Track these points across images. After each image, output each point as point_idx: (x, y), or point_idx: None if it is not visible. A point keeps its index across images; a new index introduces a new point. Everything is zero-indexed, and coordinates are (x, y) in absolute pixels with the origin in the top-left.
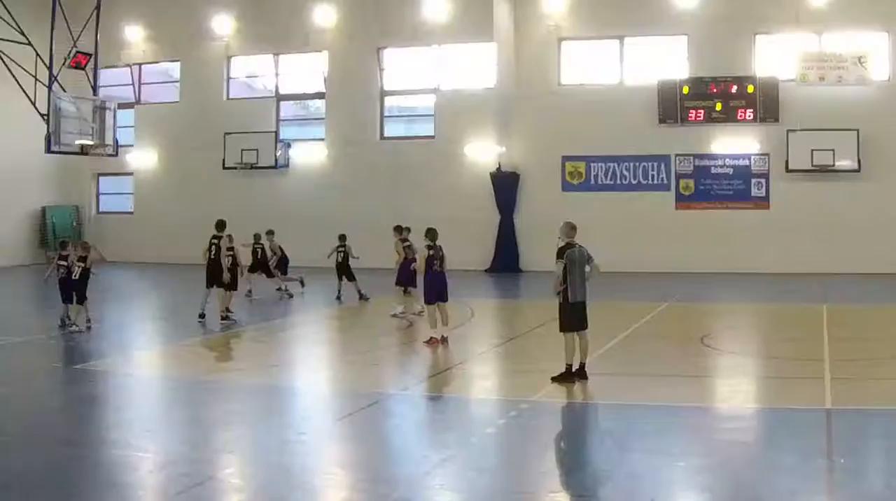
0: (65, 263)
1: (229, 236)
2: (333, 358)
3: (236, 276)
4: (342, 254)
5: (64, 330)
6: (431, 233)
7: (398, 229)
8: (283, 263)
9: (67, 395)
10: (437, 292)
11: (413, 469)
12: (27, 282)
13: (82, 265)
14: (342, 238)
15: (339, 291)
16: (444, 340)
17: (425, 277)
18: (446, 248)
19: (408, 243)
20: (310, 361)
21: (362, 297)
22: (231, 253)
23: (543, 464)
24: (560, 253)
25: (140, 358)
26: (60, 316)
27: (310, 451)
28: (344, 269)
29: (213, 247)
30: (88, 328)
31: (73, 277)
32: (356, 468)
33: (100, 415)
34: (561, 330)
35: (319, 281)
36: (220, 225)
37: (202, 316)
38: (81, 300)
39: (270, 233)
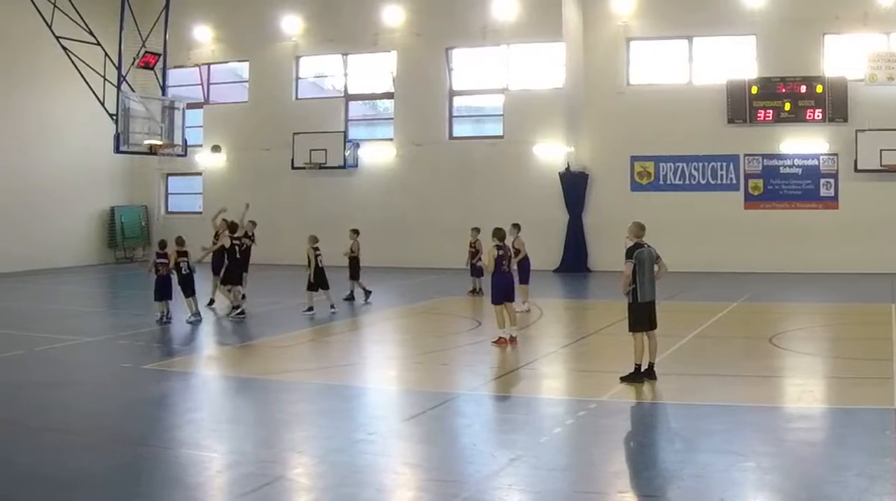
0: (165, 261)
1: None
2: (402, 358)
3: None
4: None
5: (162, 324)
6: (499, 233)
7: (517, 226)
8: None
9: (136, 395)
10: (504, 292)
11: (482, 469)
12: (96, 282)
13: (186, 260)
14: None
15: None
16: (513, 340)
17: (493, 277)
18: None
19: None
20: (379, 361)
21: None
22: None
23: (612, 464)
24: (629, 253)
25: (210, 357)
26: (160, 312)
27: (379, 451)
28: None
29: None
30: (198, 320)
31: (182, 272)
32: (425, 467)
33: (169, 415)
34: (630, 330)
35: (390, 280)
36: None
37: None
38: (190, 294)
39: (355, 231)
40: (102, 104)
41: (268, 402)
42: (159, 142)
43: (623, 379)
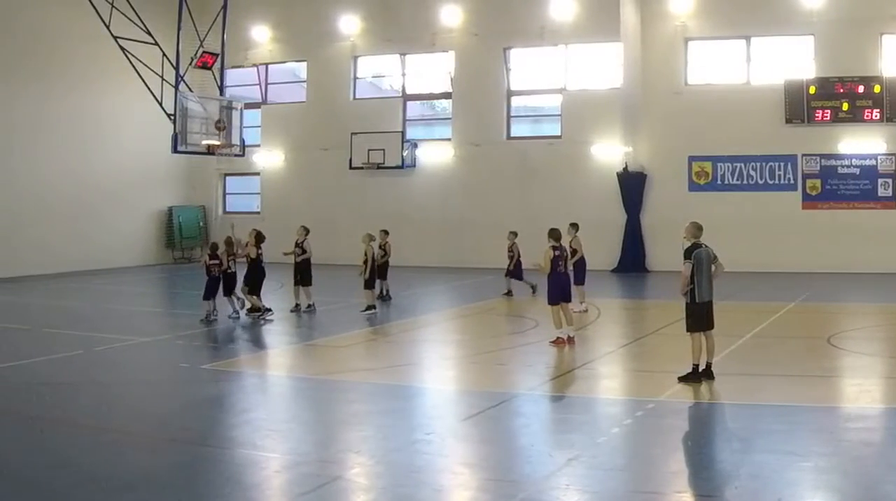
0: (217, 262)
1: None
2: (460, 358)
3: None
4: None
5: (209, 323)
6: (555, 234)
7: (574, 226)
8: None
9: (194, 395)
10: (561, 292)
11: (539, 469)
12: (153, 282)
13: (234, 259)
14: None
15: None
16: (570, 340)
17: (549, 278)
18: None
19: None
20: (436, 361)
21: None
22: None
23: (669, 464)
24: (688, 254)
25: (266, 357)
26: (207, 311)
27: (436, 451)
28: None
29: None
30: (237, 318)
31: (227, 271)
32: (482, 467)
33: (226, 415)
34: (688, 330)
35: (447, 280)
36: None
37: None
38: (231, 292)
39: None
40: (160, 104)
41: (326, 402)
42: (217, 143)
43: (681, 379)
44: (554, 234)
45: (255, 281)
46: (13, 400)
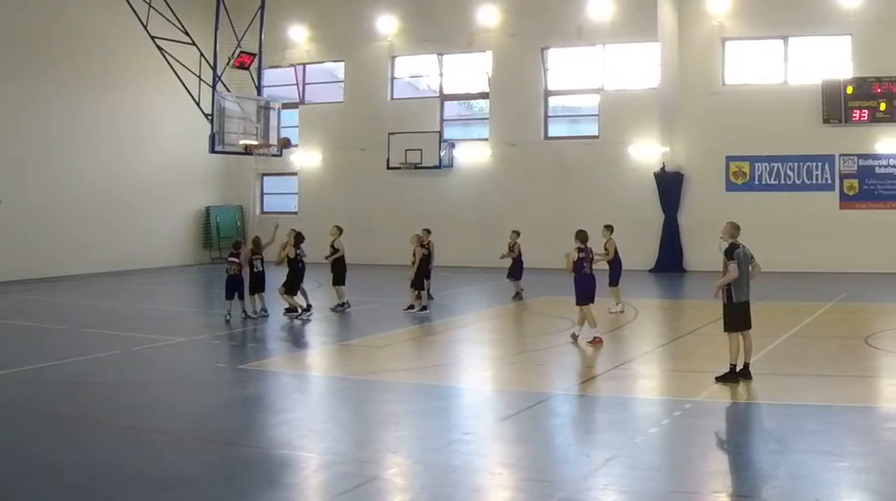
0: (236, 260)
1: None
2: (497, 358)
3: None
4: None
5: (227, 322)
6: (581, 235)
7: (609, 228)
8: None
9: (231, 395)
10: (588, 293)
11: (577, 468)
12: (191, 282)
13: (261, 258)
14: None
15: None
16: (577, 339)
17: (576, 278)
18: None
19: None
20: (473, 361)
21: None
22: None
23: (707, 464)
24: (730, 254)
25: (303, 357)
26: (227, 309)
27: (474, 451)
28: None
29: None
30: (265, 316)
31: (254, 270)
32: (520, 468)
33: (263, 415)
34: (725, 330)
35: (484, 280)
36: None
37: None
38: (258, 291)
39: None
40: (198, 104)
41: (363, 402)
42: (255, 143)
43: (718, 379)
44: (580, 236)
45: (291, 282)
46: (51, 400)
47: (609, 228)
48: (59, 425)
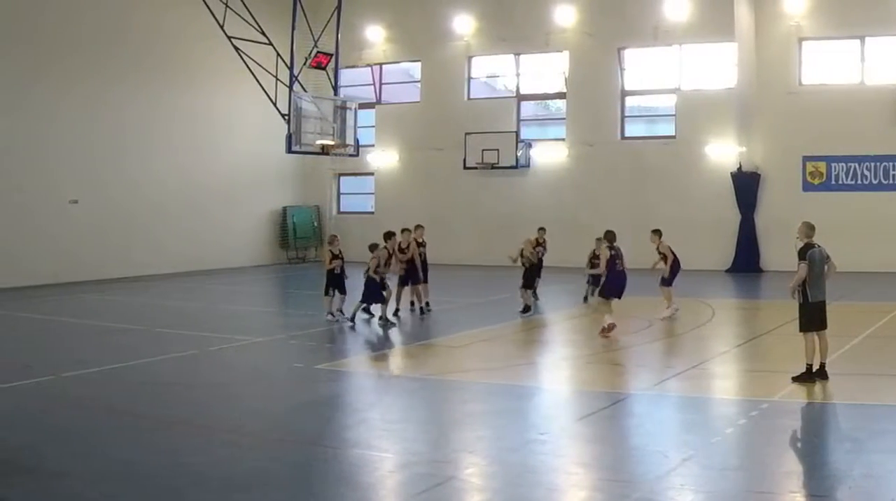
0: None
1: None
2: (574, 358)
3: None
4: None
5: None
6: (610, 235)
7: (657, 232)
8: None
9: (308, 394)
10: (617, 289)
11: (653, 468)
12: (268, 282)
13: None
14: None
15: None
16: (611, 327)
17: (607, 275)
18: (685, 248)
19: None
20: (551, 361)
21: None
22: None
23: (783, 464)
24: (802, 254)
25: (380, 357)
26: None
27: (550, 451)
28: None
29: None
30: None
31: (334, 272)
32: (596, 467)
33: (341, 415)
34: (801, 330)
35: (562, 280)
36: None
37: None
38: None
39: (542, 229)
40: (275, 104)
41: (440, 402)
42: (331, 143)
43: (795, 379)
44: (608, 236)
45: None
46: (128, 400)
47: (657, 233)
48: (137, 424)
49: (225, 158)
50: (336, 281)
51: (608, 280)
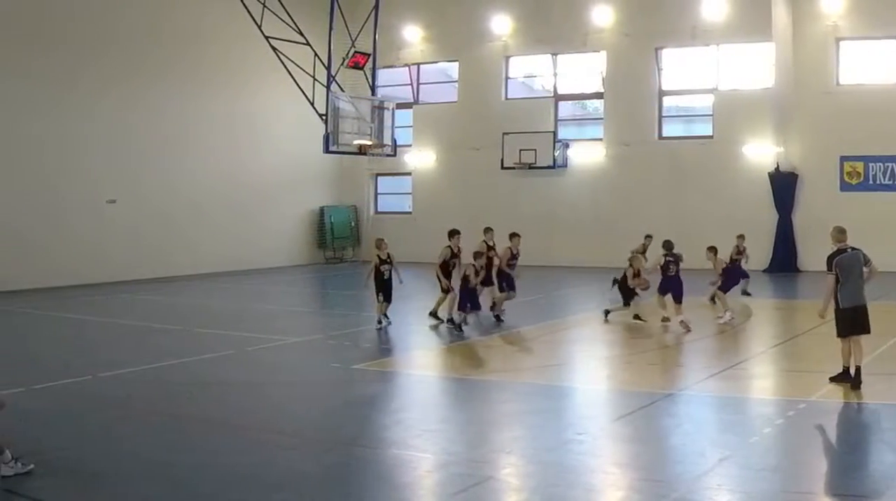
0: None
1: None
2: (612, 358)
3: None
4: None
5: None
6: (667, 245)
7: (741, 237)
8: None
9: (345, 395)
10: (668, 291)
11: (691, 468)
12: (305, 282)
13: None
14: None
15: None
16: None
17: (662, 280)
18: (722, 248)
19: (671, 258)
20: (588, 360)
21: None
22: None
23: (821, 465)
24: (828, 264)
25: (417, 357)
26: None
27: (588, 451)
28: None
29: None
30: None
31: (383, 276)
32: (634, 467)
33: (378, 415)
34: (837, 335)
35: (599, 280)
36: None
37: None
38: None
39: (713, 249)
40: (312, 104)
41: (477, 402)
42: (369, 143)
43: (832, 380)
44: (666, 245)
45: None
46: (165, 400)
47: (713, 250)
48: (173, 424)
49: (262, 158)
50: (384, 287)
51: (661, 285)
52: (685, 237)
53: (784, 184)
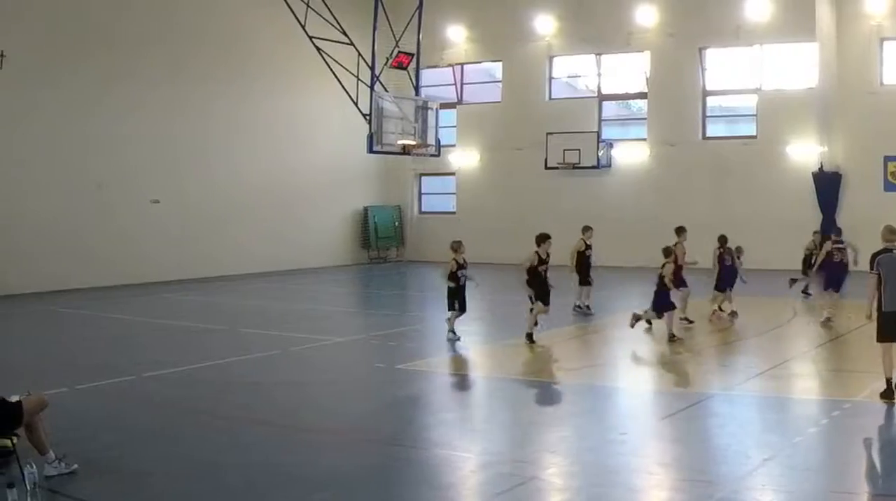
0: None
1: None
2: (654, 359)
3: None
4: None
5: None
6: (721, 239)
7: (833, 234)
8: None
9: (389, 395)
10: (726, 282)
11: (735, 469)
12: (349, 282)
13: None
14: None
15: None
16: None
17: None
18: (766, 248)
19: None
20: (630, 361)
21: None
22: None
23: (865, 465)
24: (871, 263)
25: (461, 357)
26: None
27: (632, 451)
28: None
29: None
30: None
31: (459, 282)
32: (677, 468)
33: (421, 415)
34: (877, 340)
35: (643, 281)
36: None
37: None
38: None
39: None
40: (356, 104)
41: (521, 402)
42: (413, 143)
43: (882, 397)
44: (721, 239)
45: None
46: (210, 400)
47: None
48: (218, 424)
49: (306, 158)
50: (460, 295)
51: (721, 274)
52: (729, 237)
53: (828, 184)
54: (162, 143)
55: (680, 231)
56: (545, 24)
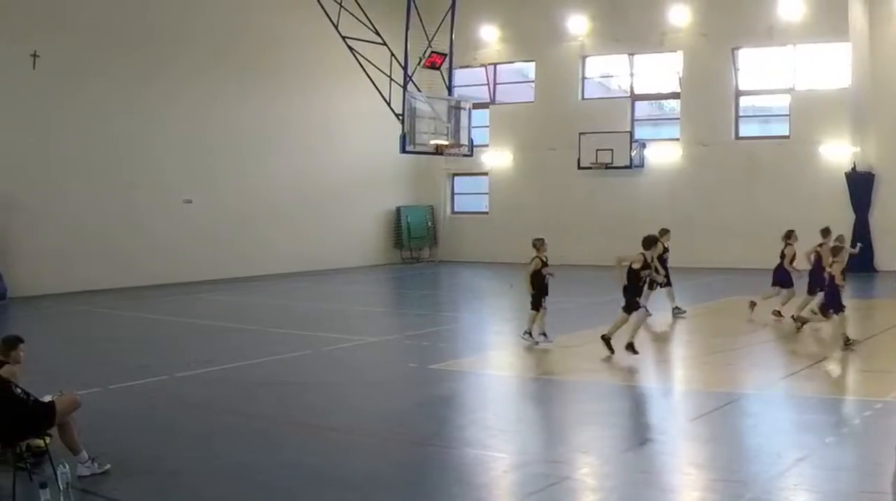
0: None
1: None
2: (689, 358)
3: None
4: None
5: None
6: (790, 234)
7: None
8: None
9: (422, 394)
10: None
11: (767, 469)
12: (382, 282)
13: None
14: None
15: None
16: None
17: (775, 270)
18: (799, 248)
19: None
20: (665, 360)
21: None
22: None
23: None
24: None
25: (494, 357)
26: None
27: (665, 451)
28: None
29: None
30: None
31: (543, 281)
32: (710, 467)
33: (455, 415)
34: None
35: (676, 280)
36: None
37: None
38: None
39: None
40: (389, 104)
41: (554, 402)
42: (445, 142)
43: None
44: (787, 234)
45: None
46: (242, 400)
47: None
48: (250, 424)
49: (339, 158)
50: (545, 294)
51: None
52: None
53: (861, 184)
54: (194, 143)
55: (663, 232)
56: (578, 24)
